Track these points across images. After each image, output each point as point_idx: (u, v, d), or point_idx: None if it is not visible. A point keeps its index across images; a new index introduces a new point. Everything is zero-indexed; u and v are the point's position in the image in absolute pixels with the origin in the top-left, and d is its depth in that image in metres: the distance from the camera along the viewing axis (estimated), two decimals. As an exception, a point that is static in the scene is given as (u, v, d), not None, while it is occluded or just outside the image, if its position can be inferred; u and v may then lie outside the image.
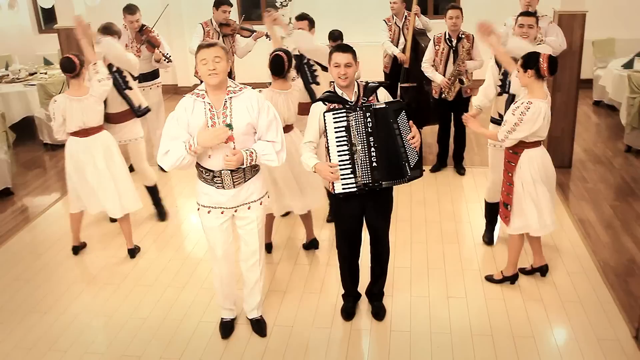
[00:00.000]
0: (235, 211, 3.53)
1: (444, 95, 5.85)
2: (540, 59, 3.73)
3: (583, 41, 5.72)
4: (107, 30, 4.94)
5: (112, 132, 4.87)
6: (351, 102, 3.53)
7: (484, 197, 4.82)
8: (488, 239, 4.79)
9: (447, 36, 5.74)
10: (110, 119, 4.93)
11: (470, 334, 3.74)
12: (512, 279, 4.21)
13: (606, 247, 4.66)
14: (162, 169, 6.48)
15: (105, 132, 4.68)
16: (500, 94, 4.39)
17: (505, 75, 4.39)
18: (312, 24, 5.07)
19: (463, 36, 5.72)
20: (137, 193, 4.84)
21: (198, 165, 3.45)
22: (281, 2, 8.90)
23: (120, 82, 4.99)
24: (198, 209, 3.57)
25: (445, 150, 6.33)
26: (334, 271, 4.24)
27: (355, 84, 3.58)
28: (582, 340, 3.62)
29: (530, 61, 3.76)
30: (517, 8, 8.05)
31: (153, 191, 5.47)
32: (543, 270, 4.26)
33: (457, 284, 4.25)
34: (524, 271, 4.29)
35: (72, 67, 4.39)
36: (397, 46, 6.69)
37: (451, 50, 5.74)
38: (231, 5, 6.35)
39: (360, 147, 3.42)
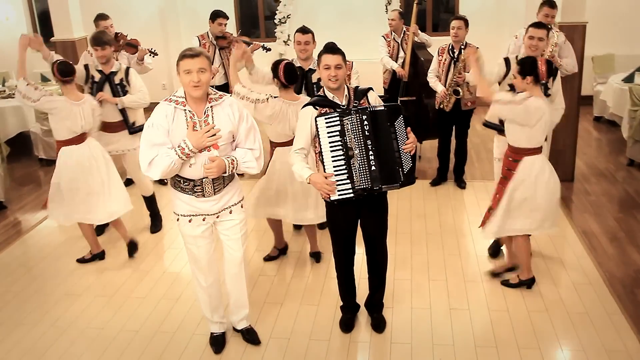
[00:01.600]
0: (217, 217, 3.41)
1: (442, 105, 5.79)
2: (539, 63, 3.74)
3: (584, 52, 5.67)
4: (98, 40, 4.85)
5: (108, 141, 4.84)
6: (343, 106, 3.44)
7: None
8: (493, 251, 4.67)
9: (450, 47, 5.71)
10: (106, 127, 4.87)
11: (474, 345, 3.60)
12: (529, 283, 4.14)
13: (612, 258, 4.54)
14: (160, 182, 6.48)
15: (93, 139, 4.63)
16: None
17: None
18: (313, 37, 4.95)
19: (464, 48, 5.67)
20: (128, 196, 4.79)
21: (175, 175, 3.31)
22: (280, 20, 8.91)
23: (121, 95, 4.94)
24: (177, 219, 3.43)
25: (446, 164, 6.23)
26: (333, 283, 4.12)
27: (345, 87, 3.50)
28: (590, 352, 3.49)
29: (527, 67, 3.77)
30: (517, 21, 8.12)
31: (151, 201, 5.38)
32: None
33: (460, 296, 4.12)
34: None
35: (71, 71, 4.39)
36: (396, 61, 6.64)
37: (452, 61, 5.69)
38: (227, 18, 6.32)
39: (358, 151, 3.32)
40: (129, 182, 6.53)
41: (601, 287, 4.15)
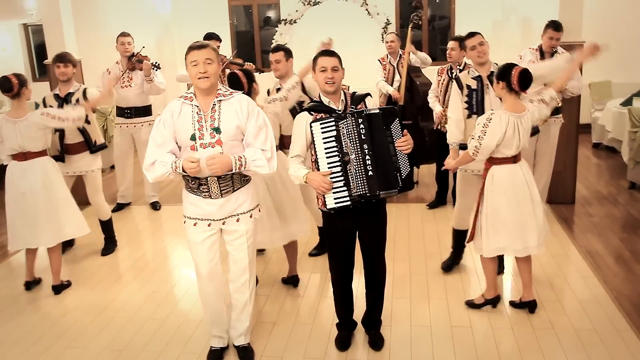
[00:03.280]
0: (224, 224, 3.26)
1: (439, 126, 5.71)
2: (512, 72, 3.63)
3: (582, 72, 5.60)
4: (61, 58, 4.89)
5: (69, 162, 4.74)
6: (339, 111, 3.33)
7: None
8: (445, 266, 4.56)
9: (449, 67, 5.67)
10: (68, 149, 4.81)
11: (477, 363, 3.41)
12: (493, 302, 3.97)
13: (618, 277, 4.37)
14: (154, 208, 6.34)
15: (46, 158, 4.43)
16: (469, 117, 4.27)
17: (469, 96, 4.26)
18: (288, 54, 4.88)
19: (461, 68, 5.62)
20: (82, 219, 4.63)
21: (184, 174, 3.19)
22: (276, 49, 8.90)
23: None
24: (184, 222, 3.31)
25: (445, 187, 6.11)
26: (328, 303, 3.95)
27: (342, 92, 3.41)
28: (601, 368, 3.30)
29: (503, 72, 3.68)
30: (514, 44, 8.13)
31: (107, 225, 5.24)
32: (531, 306, 3.92)
33: (461, 314, 3.93)
34: (512, 304, 4.01)
35: (9, 87, 4.22)
36: (391, 85, 6.59)
37: (450, 82, 5.63)
38: (220, 40, 6.29)
39: (354, 155, 3.19)
40: (120, 207, 6.41)
41: (609, 304, 3.97)
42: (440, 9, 9.81)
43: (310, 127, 3.26)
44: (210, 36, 6.21)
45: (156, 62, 6.08)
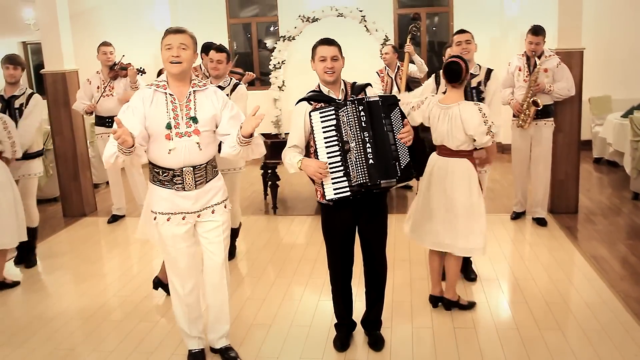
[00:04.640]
0: (198, 216, 3.13)
1: None
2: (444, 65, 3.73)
3: (582, 78, 5.56)
4: (11, 60, 4.83)
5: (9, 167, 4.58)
6: (339, 100, 3.26)
7: None
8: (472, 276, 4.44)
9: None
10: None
11: (482, 362, 3.27)
12: (435, 301, 3.95)
13: (625, 280, 4.25)
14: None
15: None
16: None
17: None
18: (229, 57, 4.83)
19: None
20: (18, 232, 4.52)
21: (153, 167, 3.09)
22: (274, 65, 8.90)
23: (18, 118, 4.78)
24: (154, 218, 3.13)
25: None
26: (327, 305, 3.81)
27: (342, 82, 3.33)
28: (611, 367, 3.16)
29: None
30: (511, 46, 8.13)
31: (32, 234, 5.06)
32: (445, 303, 3.91)
33: (464, 315, 3.79)
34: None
35: None
36: (390, 97, 6.53)
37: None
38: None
39: (355, 144, 3.09)
40: (115, 219, 6.29)
41: (616, 305, 3.84)
42: (438, 35, 9.82)
43: (310, 116, 3.18)
44: (210, 46, 6.15)
45: (141, 67, 6.02)
